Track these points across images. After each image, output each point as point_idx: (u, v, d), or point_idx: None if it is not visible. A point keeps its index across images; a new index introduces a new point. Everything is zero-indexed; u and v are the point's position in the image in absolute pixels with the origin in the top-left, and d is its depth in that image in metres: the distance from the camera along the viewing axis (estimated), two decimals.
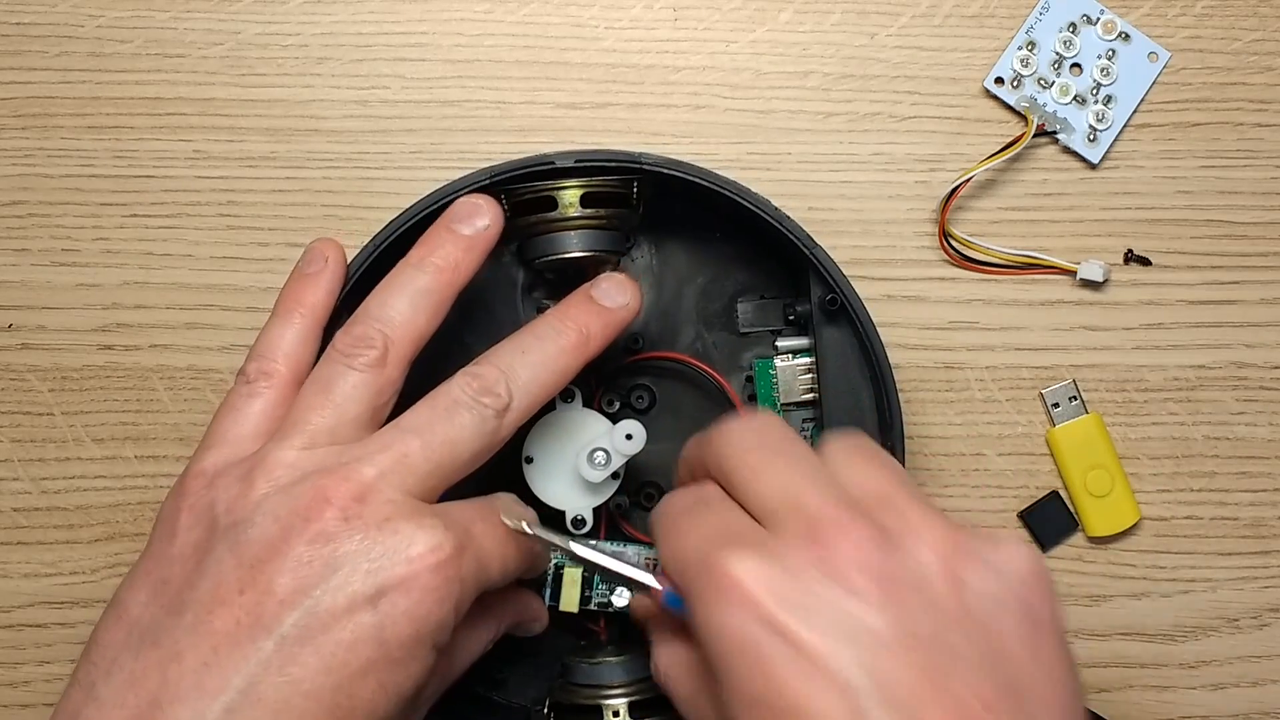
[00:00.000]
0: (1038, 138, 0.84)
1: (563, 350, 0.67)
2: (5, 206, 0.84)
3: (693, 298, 0.81)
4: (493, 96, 0.85)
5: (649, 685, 0.73)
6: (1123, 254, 0.84)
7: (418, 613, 0.56)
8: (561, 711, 0.74)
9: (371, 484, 0.58)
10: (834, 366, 0.75)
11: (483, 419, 0.63)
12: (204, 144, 0.85)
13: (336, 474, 0.58)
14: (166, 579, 0.58)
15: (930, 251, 0.84)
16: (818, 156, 0.85)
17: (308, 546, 0.56)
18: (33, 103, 0.85)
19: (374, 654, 0.55)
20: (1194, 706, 0.83)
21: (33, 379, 0.83)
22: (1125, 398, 0.84)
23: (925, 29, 0.86)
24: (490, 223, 0.70)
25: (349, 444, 0.61)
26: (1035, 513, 0.83)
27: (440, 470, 0.61)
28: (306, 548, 0.56)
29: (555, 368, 0.66)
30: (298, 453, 0.60)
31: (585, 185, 0.74)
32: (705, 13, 0.86)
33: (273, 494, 0.58)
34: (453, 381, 0.64)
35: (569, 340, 0.67)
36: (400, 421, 0.63)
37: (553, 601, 0.77)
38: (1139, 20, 0.85)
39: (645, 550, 0.77)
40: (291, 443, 0.61)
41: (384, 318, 0.66)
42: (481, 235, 0.69)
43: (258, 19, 0.86)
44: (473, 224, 0.69)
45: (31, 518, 0.83)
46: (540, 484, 0.74)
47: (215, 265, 0.84)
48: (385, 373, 0.64)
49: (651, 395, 0.80)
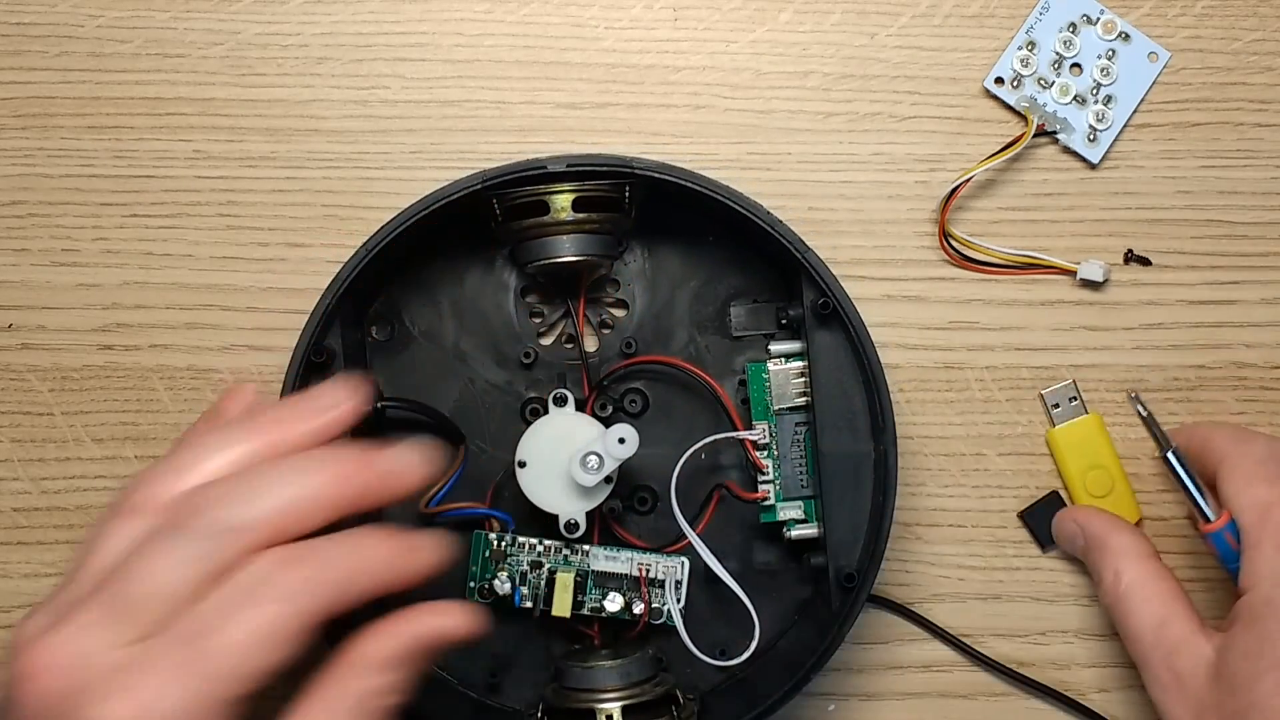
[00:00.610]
0: (1038, 138, 0.84)
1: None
2: (5, 206, 0.84)
3: (685, 301, 0.81)
4: (493, 96, 0.85)
5: (642, 688, 0.73)
6: (1123, 254, 0.84)
7: None
8: (555, 715, 0.74)
9: None
10: (827, 370, 0.75)
11: None
12: (204, 144, 0.85)
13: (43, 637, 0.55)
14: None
15: (930, 251, 0.84)
16: (818, 156, 0.85)
17: (15, 713, 0.54)
18: (33, 103, 0.85)
19: None
20: None
21: (33, 379, 0.84)
22: (1125, 398, 0.84)
23: (925, 29, 0.85)
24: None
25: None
26: (1035, 513, 0.83)
27: None
28: (15, 714, 0.54)
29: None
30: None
31: (577, 190, 0.74)
32: (705, 13, 0.86)
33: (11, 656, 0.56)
34: None
35: None
36: None
37: (545, 606, 0.77)
38: (1139, 20, 0.85)
39: (639, 554, 0.77)
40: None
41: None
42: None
43: (258, 19, 0.86)
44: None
45: (31, 518, 0.83)
46: (533, 488, 0.74)
47: (215, 265, 0.84)
48: None
49: (644, 399, 0.80)
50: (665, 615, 0.77)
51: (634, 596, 0.77)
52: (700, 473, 0.79)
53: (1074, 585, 0.83)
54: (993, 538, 0.83)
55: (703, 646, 0.75)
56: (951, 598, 0.83)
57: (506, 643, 0.79)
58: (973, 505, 0.84)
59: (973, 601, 0.83)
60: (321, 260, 0.83)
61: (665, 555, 0.77)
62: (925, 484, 0.84)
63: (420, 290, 0.80)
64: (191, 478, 0.58)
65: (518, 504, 0.76)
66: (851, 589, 0.73)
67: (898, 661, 0.83)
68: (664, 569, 0.77)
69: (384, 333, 0.80)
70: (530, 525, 0.77)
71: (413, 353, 0.80)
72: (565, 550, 0.77)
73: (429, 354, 0.80)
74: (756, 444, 0.77)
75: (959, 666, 0.83)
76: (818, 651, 0.73)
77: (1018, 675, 0.82)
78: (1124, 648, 0.77)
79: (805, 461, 0.77)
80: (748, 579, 0.78)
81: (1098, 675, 0.83)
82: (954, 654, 0.83)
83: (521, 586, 0.77)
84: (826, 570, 0.75)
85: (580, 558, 0.77)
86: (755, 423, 0.77)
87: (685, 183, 0.74)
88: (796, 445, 0.77)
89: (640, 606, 0.76)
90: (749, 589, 0.74)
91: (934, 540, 0.83)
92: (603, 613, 0.77)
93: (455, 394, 0.80)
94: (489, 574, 0.77)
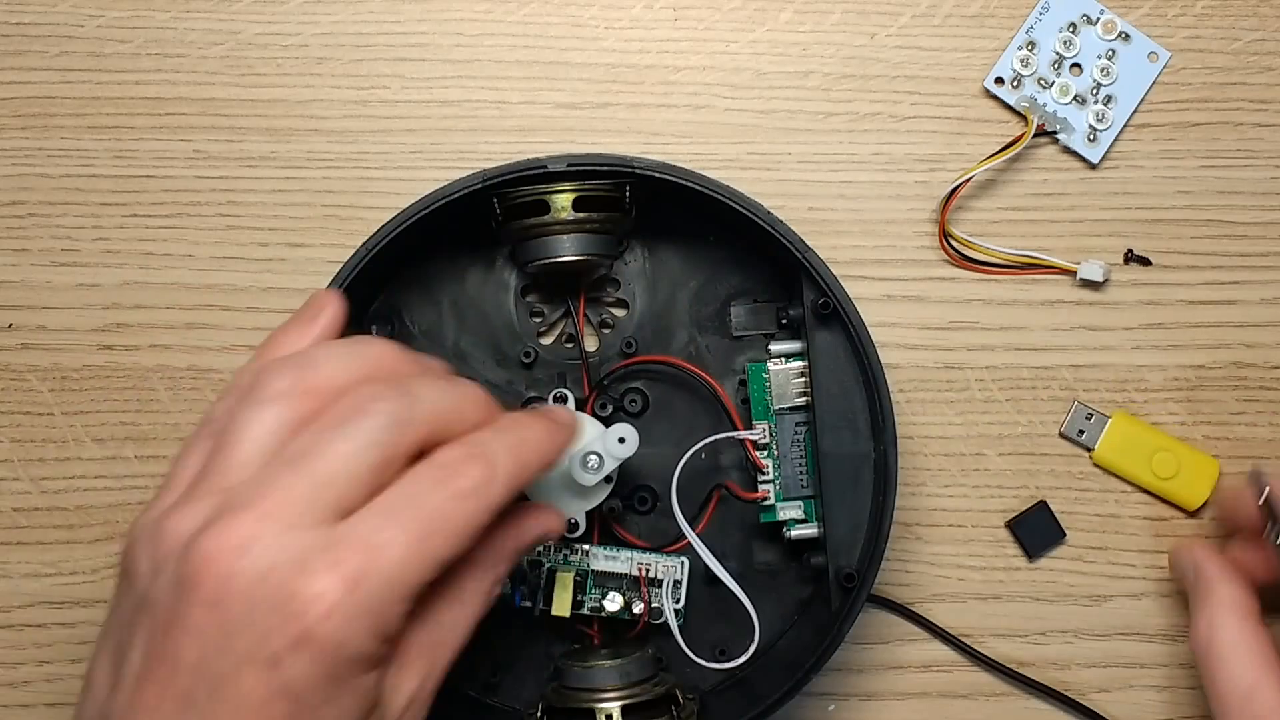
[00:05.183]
0: (1038, 138, 0.84)
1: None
2: (5, 206, 0.84)
3: (686, 301, 0.81)
4: (493, 96, 0.85)
5: (642, 688, 0.73)
6: (1123, 254, 0.84)
7: (323, 662, 0.53)
8: (554, 715, 0.74)
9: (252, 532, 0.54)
10: (827, 370, 0.75)
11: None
12: (204, 144, 0.85)
13: (216, 529, 0.54)
14: (118, 646, 0.56)
15: (930, 251, 0.84)
16: (818, 156, 0.85)
17: (202, 612, 0.53)
18: (33, 103, 0.85)
19: (290, 708, 0.53)
20: (1194, 706, 0.83)
21: (33, 379, 0.84)
22: (1125, 398, 0.84)
23: (925, 29, 0.85)
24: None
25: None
26: (1023, 523, 0.83)
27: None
28: (202, 613, 0.53)
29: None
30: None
31: (578, 189, 0.74)
32: (705, 13, 0.86)
33: (172, 556, 0.55)
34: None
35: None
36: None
37: (545, 606, 0.77)
38: (1139, 20, 0.85)
39: (638, 554, 0.77)
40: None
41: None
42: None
43: (258, 19, 0.86)
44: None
45: (31, 518, 0.83)
46: (533, 488, 0.74)
47: (215, 265, 0.84)
48: None
49: (644, 399, 0.80)
50: (664, 615, 0.77)
51: (634, 596, 0.77)
52: (700, 473, 0.79)
53: (1073, 585, 0.83)
54: (993, 538, 0.83)
55: (703, 646, 0.76)
56: (951, 598, 0.83)
57: (506, 643, 0.79)
58: (973, 505, 0.84)
59: (972, 601, 0.83)
60: (321, 260, 0.84)
61: (665, 555, 0.77)
62: (925, 484, 0.84)
63: (421, 290, 0.80)
64: (321, 372, 0.58)
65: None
66: (851, 589, 0.73)
67: (898, 661, 0.83)
68: (664, 569, 0.77)
69: (384, 332, 0.80)
70: None
71: None
72: (565, 550, 0.77)
73: (429, 353, 0.80)
74: (756, 444, 0.77)
75: (959, 666, 0.83)
76: (818, 651, 0.73)
77: (1018, 675, 0.82)
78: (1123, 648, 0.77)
79: (805, 461, 0.77)
80: (748, 579, 0.78)
81: (1098, 675, 0.83)
82: (954, 654, 0.83)
83: (521, 586, 0.77)
84: (826, 570, 0.75)
85: (580, 557, 0.77)
86: (755, 423, 0.77)
87: (685, 183, 0.74)
88: (796, 445, 0.77)
89: (640, 606, 0.76)
90: (749, 589, 0.74)
91: (934, 540, 0.83)
92: (602, 612, 0.77)
93: None
94: None
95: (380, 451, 0.55)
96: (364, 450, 0.55)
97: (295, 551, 0.52)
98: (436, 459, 0.56)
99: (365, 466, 0.54)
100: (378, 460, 0.55)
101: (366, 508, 0.54)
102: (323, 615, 0.51)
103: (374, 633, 0.52)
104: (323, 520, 0.53)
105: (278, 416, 0.56)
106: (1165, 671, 0.83)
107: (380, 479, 0.55)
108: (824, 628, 0.73)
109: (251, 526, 0.52)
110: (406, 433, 0.56)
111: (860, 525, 0.75)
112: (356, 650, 0.52)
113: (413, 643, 0.57)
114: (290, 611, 0.51)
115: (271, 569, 0.52)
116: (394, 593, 0.53)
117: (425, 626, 0.57)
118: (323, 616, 0.51)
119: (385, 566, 0.52)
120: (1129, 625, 0.83)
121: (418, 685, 0.57)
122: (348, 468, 0.54)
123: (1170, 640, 0.83)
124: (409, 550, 0.53)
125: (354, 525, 0.53)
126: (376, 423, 0.55)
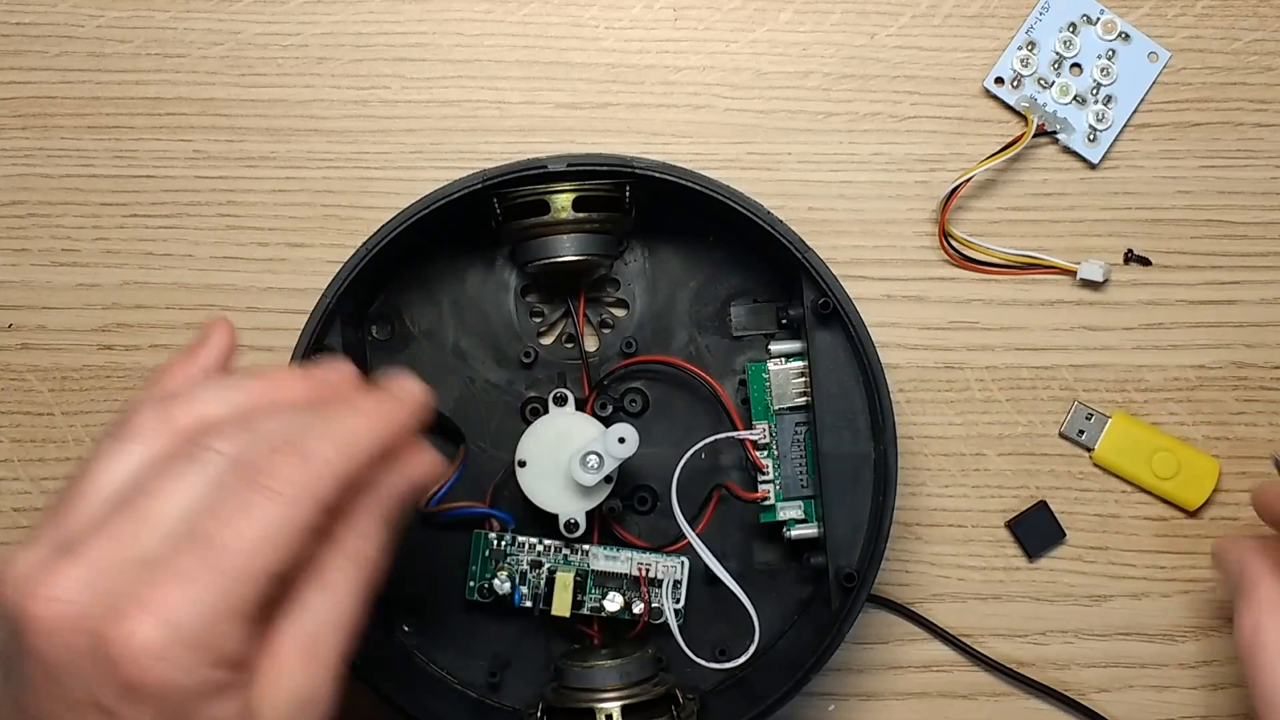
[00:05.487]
0: (1038, 138, 0.84)
1: None
2: (5, 206, 0.85)
3: (686, 301, 0.81)
4: (493, 96, 0.85)
5: (642, 688, 0.73)
6: (1123, 254, 0.84)
7: (159, 705, 0.50)
8: (554, 715, 0.74)
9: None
10: (827, 370, 0.75)
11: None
12: (204, 144, 0.85)
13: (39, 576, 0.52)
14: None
15: (930, 251, 0.84)
16: (818, 156, 0.85)
17: (31, 664, 0.50)
18: (33, 103, 0.85)
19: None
20: (1194, 706, 0.83)
21: (33, 379, 0.84)
22: (1125, 398, 0.84)
23: (925, 29, 0.85)
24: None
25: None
26: (1023, 523, 0.83)
27: None
28: (31, 665, 0.50)
29: None
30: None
31: (578, 189, 0.74)
32: (705, 13, 0.86)
33: (7, 603, 0.52)
34: None
35: None
36: None
37: (545, 606, 0.77)
38: (1139, 20, 0.85)
39: (639, 554, 0.77)
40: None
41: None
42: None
43: (258, 19, 0.86)
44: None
45: (31, 518, 0.83)
46: (533, 488, 0.74)
47: (215, 265, 0.84)
48: None
49: (644, 399, 0.80)
50: (664, 615, 0.77)
51: (634, 596, 0.77)
52: (700, 473, 0.79)
53: (1073, 585, 0.83)
54: (993, 538, 0.83)
55: (703, 646, 0.76)
56: (951, 598, 0.83)
57: (506, 643, 0.79)
58: (973, 505, 0.84)
59: (972, 601, 0.83)
60: (321, 260, 0.84)
61: (665, 555, 0.77)
62: (925, 484, 0.84)
63: (420, 289, 0.80)
64: (193, 409, 0.56)
65: (517, 503, 0.76)
66: (851, 589, 0.73)
67: (898, 661, 0.83)
68: (664, 569, 0.77)
69: (384, 332, 0.80)
70: (530, 525, 0.77)
71: (413, 352, 0.80)
72: (565, 550, 0.77)
73: (429, 353, 0.80)
74: (756, 444, 0.77)
75: (959, 666, 0.83)
76: (818, 651, 0.73)
77: (1018, 675, 0.82)
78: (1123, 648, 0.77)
79: (805, 461, 0.77)
80: (748, 579, 0.78)
81: (1098, 675, 0.83)
82: (954, 654, 0.83)
83: (521, 586, 0.77)
84: (826, 570, 0.75)
85: (580, 557, 0.77)
86: (755, 423, 0.77)
87: (685, 183, 0.74)
88: (796, 445, 0.77)
89: (640, 606, 0.76)
90: (749, 589, 0.74)
91: (934, 540, 0.83)
92: (602, 612, 0.77)
93: (455, 393, 0.80)
94: (489, 573, 0.77)
95: (213, 489, 0.52)
96: (197, 488, 0.52)
97: (113, 596, 0.50)
98: (242, 461, 0.53)
99: (194, 503, 0.52)
100: (208, 497, 0.52)
101: (185, 539, 0.51)
102: (143, 659, 0.49)
103: (205, 663, 0.50)
104: (146, 562, 0.51)
105: (134, 456, 0.54)
106: (1165, 671, 0.83)
107: (209, 511, 0.52)
108: (824, 628, 0.73)
109: (71, 571, 0.50)
110: (250, 468, 0.53)
111: (860, 525, 0.74)
112: (190, 687, 0.50)
113: (283, 639, 0.53)
114: (111, 659, 0.49)
115: (87, 616, 0.50)
116: (217, 619, 0.50)
117: (293, 619, 0.54)
118: (143, 661, 0.49)
119: (200, 595, 0.50)
120: (1129, 625, 0.83)
121: (304, 682, 0.54)
122: (178, 507, 0.52)
123: (1170, 640, 0.83)
124: (223, 573, 0.51)
125: (171, 561, 0.51)
126: (214, 459, 0.53)
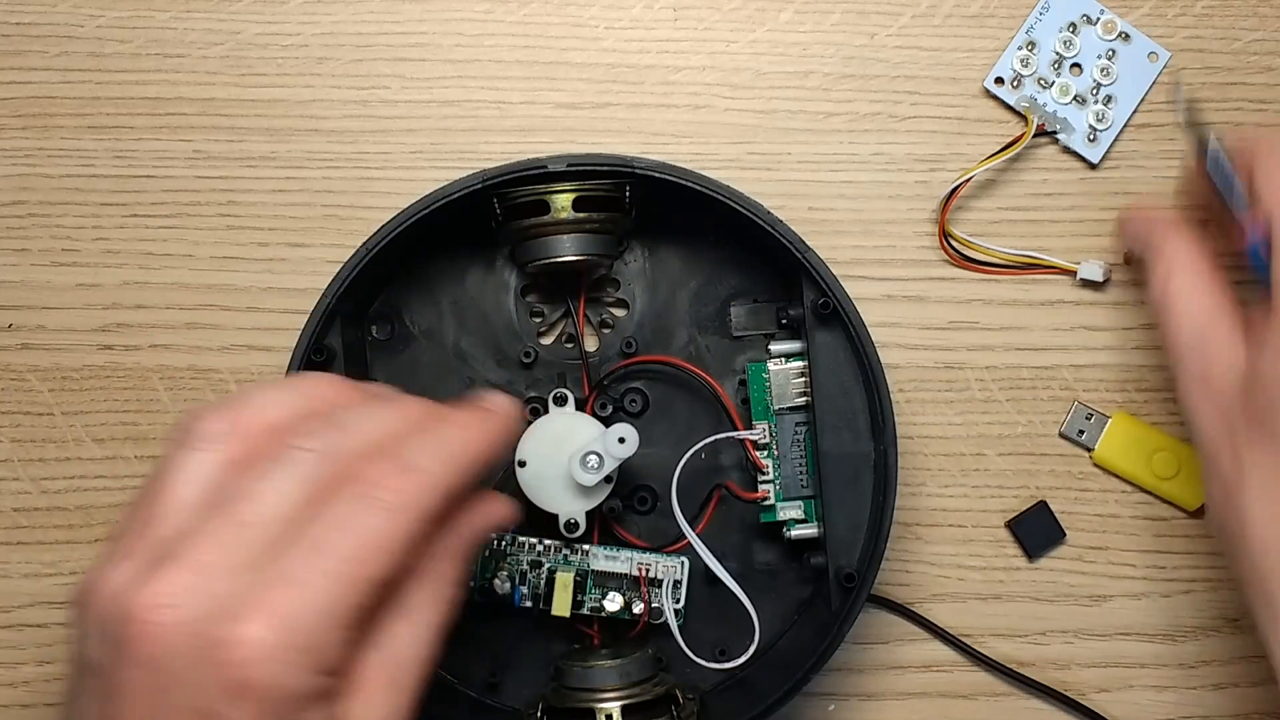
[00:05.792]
0: (1038, 138, 0.84)
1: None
2: (5, 206, 0.84)
3: (686, 301, 0.81)
4: (493, 96, 0.85)
5: (642, 688, 0.73)
6: (1123, 254, 0.84)
7: (263, 707, 0.51)
8: (555, 715, 0.74)
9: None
10: (827, 370, 0.75)
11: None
12: (204, 144, 0.85)
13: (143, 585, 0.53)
14: (73, 715, 0.55)
15: (930, 251, 0.84)
16: (818, 156, 0.85)
17: (138, 673, 0.51)
18: (33, 103, 0.85)
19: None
20: (1194, 706, 0.83)
21: (33, 379, 0.84)
22: (1125, 398, 0.84)
23: (925, 29, 0.85)
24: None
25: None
26: (1023, 523, 0.83)
27: None
28: (137, 674, 0.51)
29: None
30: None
31: (578, 189, 0.74)
32: (705, 13, 0.86)
33: (107, 617, 0.53)
34: None
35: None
36: None
37: (545, 606, 0.77)
38: (1139, 20, 0.85)
39: (639, 554, 0.77)
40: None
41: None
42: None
43: (258, 19, 0.86)
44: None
45: (31, 518, 0.83)
46: (533, 488, 0.74)
47: (215, 265, 0.84)
48: None
49: (644, 399, 0.80)
50: (664, 615, 0.77)
51: (634, 596, 0.77)
52: (700, 473, 0.79)
53: (1074, 585, 0.83)
54: (993, 538, 0.83)
55: (703, 646, 0.76)
56: (951, 598, 0.83)
57: (506, 643, 0.79)
58: (973, 505, 0.84)
59: (972, 601, 0.83)
60: (321, 260, 0.84)
61: (665, 555, 0.77)
62: (925, 484, 0.84)
63: (421, 289, 0.80)
64: (259, 413, 0.58)
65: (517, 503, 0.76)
66: (851, 589, 0.73)
67: (898, 661, 0.83)
68: (664, 569, 0.77)
69: (384, 332, 0.80)
70: (530, 525, 0.77)
71: (413, 352, 0.80)
72: (565, 550, 0.77)
73: (429, 353, 0.80)
74: (756, 444, 0.77)
75: (959, 666, 0.83)
76: (818, 651, 0.73)
77: (1018, 675, 0.82)
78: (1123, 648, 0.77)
79: (805, 461, 0.77)
80: (748, 579, 0.78)
81: (1098, 675, 0.83)
82: (954, 654, 0.83)
83: (521, 586, 0.77)
84: (826, 570, 0.75)
85: (580, 557, 0.77)
86: (755, 423, 0.77)
87: (685, 183, 0.74)
88: (796, 445, 0.77)
89: (640, 606, 0.76)
90: (749, 589, 0.74)
91: (934, 540, 0.83)
92: (602, 612, 0.77)
93: (455, 393, 0.80)
94: (489, 573, 0.77)
95: (308, 488, 0.54)
96: (292, 489, 0.54)
97: (222, 599, 0.51)
98: (356, 476, 0.55)
99: (292, 505, 0.54)
100: (305, 497, 0.54)
101: (293, 542, 0.53)
102: (254, 660, 0.50)
103: (311, 668, 0.51)
104: (252, 564, 0.52)
105: (208, 461, 0.56)
106: (1165, 671, 0.83)
107: (313, 514, 0.54)
108: (824, 628, 0.73)
109: (178, 578, 0.52)
110: (337, 465, 0.55)
111: (860, 525, 0.75)
112: (296, 689, 0.51)
113: (369, 666, 0.55)
114: (221, 661, 0.50)
115: (198, 620, 0.51)
116: (326, 624, 0.52)
117: (379, 647, 0.56)
118: (254, 662, 0.50)
119: (312, 599, 0.52)
120: (1129, 625, 0.83)
121: (383, 707, 0.56)
122: (276, 508, 0.54)
123: (1170, 640, 0.83)
124: (335, 578, 0.52)
125: (280, 564, 0.52)
126: (304, 458, 0.55)
